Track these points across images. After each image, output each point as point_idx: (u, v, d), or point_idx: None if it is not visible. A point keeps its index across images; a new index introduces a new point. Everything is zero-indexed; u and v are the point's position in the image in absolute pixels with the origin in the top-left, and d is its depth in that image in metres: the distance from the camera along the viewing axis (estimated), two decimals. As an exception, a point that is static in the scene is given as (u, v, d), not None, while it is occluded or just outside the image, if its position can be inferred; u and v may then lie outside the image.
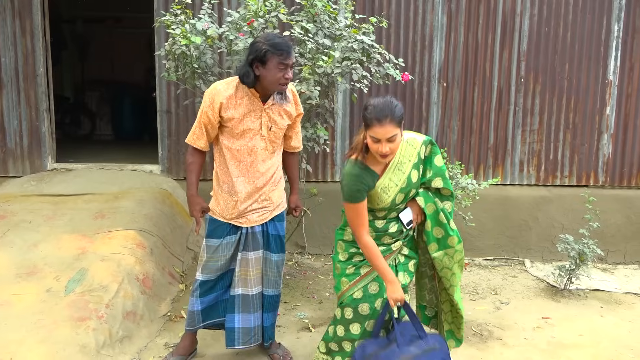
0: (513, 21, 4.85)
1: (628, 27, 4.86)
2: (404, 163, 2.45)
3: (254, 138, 2.77)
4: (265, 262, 2.93)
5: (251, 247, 2.87)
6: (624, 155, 5.01)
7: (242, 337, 2.90)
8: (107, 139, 8.32)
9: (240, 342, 2.90)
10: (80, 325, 3.00)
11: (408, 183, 2.45)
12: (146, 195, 4.42)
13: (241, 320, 2.89)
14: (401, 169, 2.44)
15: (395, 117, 2.26)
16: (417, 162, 2.47)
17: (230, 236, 2.85)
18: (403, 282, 2.53)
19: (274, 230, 2.92)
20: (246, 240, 2.86)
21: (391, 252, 2.54)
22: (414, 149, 2.47)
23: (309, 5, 3.60)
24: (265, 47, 2.61)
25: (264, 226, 2.90)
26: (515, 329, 3.53)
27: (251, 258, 2.87)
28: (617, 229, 4.89)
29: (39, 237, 3.78)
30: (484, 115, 4.95)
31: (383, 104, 2.28)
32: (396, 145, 2.32)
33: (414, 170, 2.46)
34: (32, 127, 4.88)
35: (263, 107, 2.76)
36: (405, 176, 2.45)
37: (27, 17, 4.76)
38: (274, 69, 2.63)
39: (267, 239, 2.91)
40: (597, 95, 4.94)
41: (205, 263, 2.88)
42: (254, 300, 2.91)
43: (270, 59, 2.61)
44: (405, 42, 4.85)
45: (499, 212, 4.89)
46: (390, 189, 2.43)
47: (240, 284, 2.88)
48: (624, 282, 4.46)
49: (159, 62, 4.74)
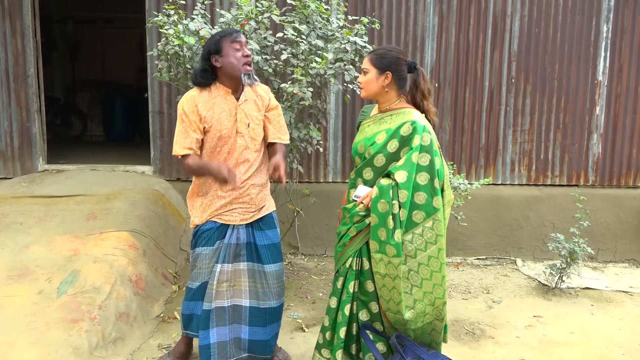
0: (504, 22, 4.89)
1: (617, 28, 4.91)
2: (386, 121, 2.57)
3: (233, 137, 2.72)
4: (260, 275, 2.82)
5: (231, 259, 2.77)
6: (613, 155, 5.07)
7: (218, 353, 2.75)
8: (99, 140, 8.28)
9: (217, 356, 2.77)
10: (72, 327, 2.99)
11: (371, 137, 2.56)
12: (138, 196, 4.41)
13: (216, 335, 2.76)
14: (379, 124, 2.59)
15: (374, 56, 2.57)
16: (394, 130, 2.50)
17: (209, 247, 2.78)
18: (372, 290, 2.56)
19: (263, 240, 2.83)
20: (227, 250, 2.77)
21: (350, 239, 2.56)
22: (401, 119, 2.52)
23: (302, 7, 3.61)
24: (217, 37, 2.69)
25: (249, 237, 2.81)
26: (507, 328, 3.56)
27: (228, 270, 2.77)
28: (607, 227, 4.94)
29: (30, 238, 3.75)
30: (475, 115, 4.99)
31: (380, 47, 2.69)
32: (366, 81, 2.57)
33: (384, 133, 2.52)
34: (23, 128, 4.85)
35: (237, 104, 2.73)
36: (374, 131, 2.57)
37: (18, 18, 4.73)
38: (232, 51, 2.66)
39: (255, 250, 2.82)
40: (587, 95, 4.99)
41: (190, 271, 2.87)
42: (229, 314, 2.79)
43: (224, 44, 2.66)
44: (397, 42, 4.87)
45: (490, 211, 4.92)
46: (363, 131, 2.63)
47: (216, 296, 2.76)
48: (614, 280, 4.51)
49: (151, 63, 4.73)
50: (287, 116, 3.52)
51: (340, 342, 2.61)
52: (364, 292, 2.59)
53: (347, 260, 2.60)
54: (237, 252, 2.80)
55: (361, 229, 2.54)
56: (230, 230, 2.78)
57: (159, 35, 4.50)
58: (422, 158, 2.45)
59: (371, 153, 2.52)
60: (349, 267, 2.59)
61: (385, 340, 2.61)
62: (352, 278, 2.59)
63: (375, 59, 2.55)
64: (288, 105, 3.56)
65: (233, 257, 2.79)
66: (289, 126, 3.63)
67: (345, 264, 2.60)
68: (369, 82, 2.56)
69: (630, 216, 4.97)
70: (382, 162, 2.51)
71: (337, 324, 2.63)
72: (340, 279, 2.63)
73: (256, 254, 2.82)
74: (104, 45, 8.60)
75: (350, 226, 2.57)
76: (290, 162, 3.95)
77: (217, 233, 2.78)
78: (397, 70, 2.54)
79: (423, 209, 2.44)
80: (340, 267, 2.64)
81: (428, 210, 2.44)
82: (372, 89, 2.57)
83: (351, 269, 2.59)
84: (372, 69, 2.55)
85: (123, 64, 8.43)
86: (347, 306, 2.60)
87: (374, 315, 2.62)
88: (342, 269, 2.63)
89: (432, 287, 2.50)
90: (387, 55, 2.55)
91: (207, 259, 2.79)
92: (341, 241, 2.64)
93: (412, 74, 2.59)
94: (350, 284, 2.59)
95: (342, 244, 2.63)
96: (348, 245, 2.59)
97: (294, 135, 3.69)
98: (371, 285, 2.58)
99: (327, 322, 2.67)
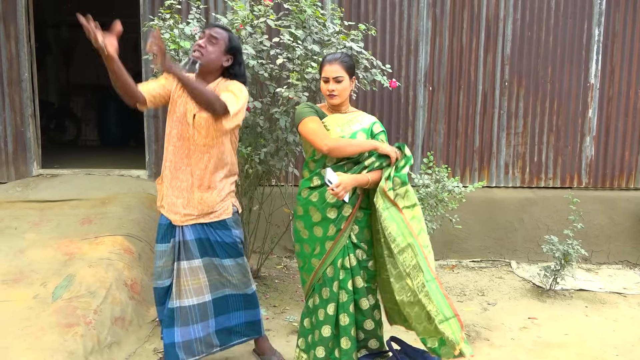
0: (497, 26, 4.93)
1: (608, 32, 4.97)
2: (354, 122, 2.68)
3: (183, 123, 2.68)
4: (219, 268, 2.80)
5: (184, 257, 2.73)
6: (606, 157, 5.11)
7: (184, 351, 2.74)
8: (93, 144, 8.26)
9: (184, 356, 2.75)
10: (68, 332, 2.98)
11: (351, 137, 2.63)
12: (133, 201, 4.40)
13: (180, 334, 2.73)
14: (350, 125, 2.67)
15: (343, 61, 2.62)
16: (367, 129, 2.68)
17: (163, 244, 2.76)
18: (361, 285, 2.65)
19: (216, 237, 2.76)
20: (179, 249, 2.73)
21: (340, 231, 2.59)
22: (369, 119, 2.73)
23: (298, 11, 3.63)
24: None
25: (200, 233, 2.73)
26: (502, 330, 3.58)
27: (184, 267, 2.74)
28: (601, 229, 4.98)
29: (25, 243, 3.74)
30: (469, 118, 5.02)
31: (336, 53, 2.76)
32: (342, 89, 2.61)
33: (362, 133, 2.66)
34: (17, 132, 4.84)
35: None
36: (351, 131, 2.65)
37: (12, 22, 4.73)
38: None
39: (209, 246, 2.77)
40: (580, 98, 5.03)
41: (154, 268, 2.86)
42: (192, 311, 2.75)
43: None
44: (391, 46, 4.90)
45: (485, 214, 4.95)
46: (333, 128, 2.64)
47: (178, 295, 2.73)
48: (608, 281, 4.54)
49: (146, 67, 4.73)
50: (283, 120, 3.53)
51: (354, 343, 2.62)
52: (355, 289, 2.66)
53: (335, 261, 2.62)
54: (188, 249, 2.74)
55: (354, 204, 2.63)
56: (177, 228, 2.75)
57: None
58: None
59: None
60: (341, 267, 2.62)
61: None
62: (348, 277, 2.63)
63: (347, 67, 2.63)
64: (284, 109, 3.58)
65: (185, 254, 2.74)
66: (285, 130, 3.65)
67: (336, 265, 2.62)
68: (345, 89, 2.64)
69: (623, 218, 5.00)
70: (366, 155, 2.64)
71: (342, 328, 2.63)
72: (335, 282, 2.63)
73: (211, 249, 2.78)
74: (97, 49, 8.57)
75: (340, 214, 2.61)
76: (285, 166, 3.96)
77: (170, 229, 2.76)
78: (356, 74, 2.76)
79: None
80: (326, 271, 2.63)
81: None
82: (345, 96, 2.67)
83: (344, 268, 2.63)
84: (346, 76, 2.62)
85: (118, 68, 8.41)
86: (351, 305, 2.64)
87: (365, 312, 2.67)
88: (331, 273, 2.63)
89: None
90: (351, 62, 2.68)
91: (165, 256, 2.77)
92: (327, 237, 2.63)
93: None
94: (348, 284, 2.63)
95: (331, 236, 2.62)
96: (344, 229, 2.61)
97: (289, 139, 3.70)
98: (360, 281, 2.65)
99: (329, 332, 2.64)
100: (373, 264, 2.71)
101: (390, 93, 4.88)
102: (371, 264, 2.70)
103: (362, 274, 2.67)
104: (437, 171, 4.02)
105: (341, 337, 2.63)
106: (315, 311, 2.69)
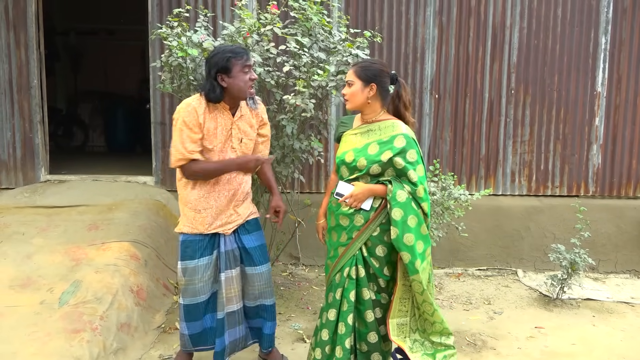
0: (503, 34, 4.94)
1: (615, 40, 4.96)
2: (374, 132, 2.63)
3: (225, 151, 2.76)
4: (253, 277, 2.88)
5: (231, 265, 2.83)
6: (613, 166, 5.09)
7: (229, 350, 2.89)
8: (100, 151, 8.31)
9: (227, 355, 2.89)
10: (74, 337, 2.99)
11: (362, 149, 2.60)
12: (140, 207, 4.42)
13: (228, 336, 2.87)
14: (367, 136, 2.63)
15: (358, 68, 2.62)
16: (386, 141, 2.58)
17: (204, 257, 2.80)
18: (367, 297, 2.63)
19: (250, 242, 2.88)
20: (226, 258, 2.82)
21: (351, 240, 2.61)
22: (392, 131, 2.61)
23: (304, 19, 3.65)
24: (227, 55, 2.64)
25: (238, 241, 2.86)
26: (508, 339, 3.56)
27: (234, 276, 2.84)
28: (608, 238, 4.95)
29: (32, 248, 3.76)
30: (475, 126, 5.01)
31: (363, 60, 2.83)
32: (351, 93, 2.61)
33: (376, 144, 2.59)
34: (26, 138, 4.88)
35: (233, 120, 2.76)
36: (365, 142, 2.61)
37: (22, 30, 4.78)
38: (240, 74, 2.67)
39: (245, 253, 2.87)
40: (586, 106, 5.02)
41: (184, 287, 2.84)
42: (238, 315, 2.90)
43: (234, 65, 2.65)
44: (398, 54, 4.91)
45: (491, 222, 4.93)
46: (349, 141, 2.66)
47: (226, 303, 2.83)
48: (616, 291, 4.51)
49: (153, 74, 4.76)
50: (290, 127, 3.55)
51: (346, 353, 2.61)
52: (361, 300, 2.63)
53: (343, 269, 2.62)
54: (235, 257, 2.85)
55: (369, 218, 2.60)
56: (222, 238, 2.83)
57: (162, 46, 4.54)
58: (420, 171, 2.59)
59: (365, 164, 2.58)
60: (347, 277, 2.61)
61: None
62: (351, 287, 2.61)
63: (359, 71, 2.60)
64: (290, 116, 3.59)
65: (233, 262, 2.85)
66: (291, 137, 3.66)
67: (343, 273, 2.62)
68: (355, 94, 2.61)
69: (631, 227, 4.97)
70: (377, 170, 2.59)
71: (339, 336, 2.63)
72: (339, 290, 2.63)
73: (246, 257, 2.88)
74: (106, 56, 8.66)
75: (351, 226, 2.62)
76: (291, 173, 3.98)
77: (211, 242, 2.82)
78: (381, 82, 2.62)
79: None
80: (335, 277, 2.65)
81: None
82: (358, 101, 2.62)
83: (349, 277, 2.61)
84: (357, 81, 2.60)
85: (125, 76, 8.48)
86: (350, 316, 2.62)
87: (369, 324, 2.64)
88: (338, 279, 2.64)
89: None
90: (371, 68, 2.62)
91: (207, 270, 2.81)
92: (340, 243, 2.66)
93: (394, 85, 2.68)
94: (350, 294, 2.61)
95: (343, 242, 2.64)
96: (355, 238, 2.61)
97: (296, 146, 3.71)
98: (367, 293, 2.62)
99: (326, 336, 2.66)
100: (384, 281, 2.65)
101: (397, 101, 4.88)
102: (382, 281, 2.65)
103: (371, 286, 2.63)
104: (443, 179, 4.01)
105: (336, 345, 2.64)
106: (321, 313, 2.73)
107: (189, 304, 2.85)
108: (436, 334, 2.62)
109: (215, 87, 2.65)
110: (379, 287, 2.65)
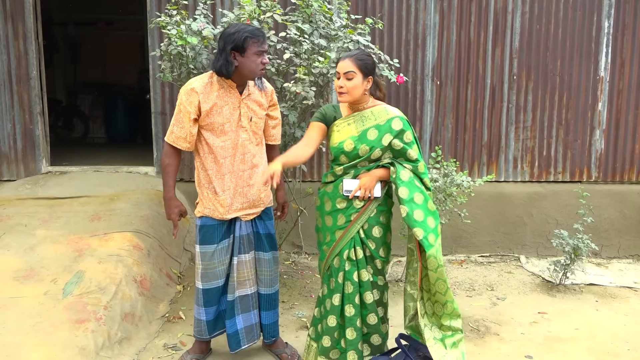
0: (505, 19, 4.89)
1: (618, 24, 4.91)
2: (369, 118, 2.65)
3: (236, 131, 2.75)
4: (259, 262, 2.93)
5: (246, 249, 2.87)
6: (616, 151, 5.06)
7: (246, 337, 2.92)
8: (101, 142, 8.30)
9: (245, 342, 2.92)
10: (78, 328, 3.00)
11: (361, 136, 2.61)
12: (142, 197, 4.42)
13: (242, 320, 2.91)
14: (362, 123, 2.64)
15: (356, 58, 2.57)
16: (383, 125, 2.62)
17: (224, 240, 2.83)
18: (366, 279, 2.66)
19: (264, 229, 2.92)
20: (240, 242, 2.86)
21: (350, 222, 2.64)
22: (386, 115, 2.66)
23: (305, 6, 3.61)
24: (244, 35, 2.62)
25: (254, 226, 2.90)
26: (512, 324, 3.56)
27: (247, 260, 2.88)
28: (611, 223, 4.94)
29: (35, 240, 3.76)
30: (477, 112, 4.98)
31: (355, 50, 2.77)
32: (352, 86, 2.57)
33: (374, 129, 2.62)
34: (26, 130, 4.86)
35: (241, 98, 2.75)
36: (361, 129, 2.62)
37: (20, 20, 4.74)
38: (253, 56, 2.65)
39: (258, 239, 2.91)
40: (589, 91, 4.99)
41: (203, 271, 2.84)
42: (252, 299, 2.93)
43: (250, 46, 2.63)
44: (399, 40, 4.87)
45: (493, 208, 4.92)
46: (343, 130, 2.64)
47: (238, 286, 2.88)
48: (618, 276, 4.51)
49: (153, 64, 4.73)
50: (292, 116, 3.53)
51: (359, 332, 2.66)
52: (360, 282, 2.68)
53: (342, 252, 2.65)
54: (250, 241, 2.88)
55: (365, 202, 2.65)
56: (238, 222, 2.85)
57: (161, 36, 4.51)
58: (416, 149, 2.68)
59: (368, 150, 2.62)
60: (347, 259, 2.65)
61: None
62: (353, 269, 2.65)
63: (362, 65, 2.59)
64: (291, 104, 3.57)
65: (247, 247, 2.87)
66: (292, 125, 3.64)
67: (342, 256, 2.65)
68: (356, 87, 2.59)
69: (634, 212, 4.96)
70: (378, 154, 2.63)
71: (347, 319, 2.66)
72: (340, 273, 2.66)
73: (258, 243, 2.92)
74: (105, 47, 8.61)
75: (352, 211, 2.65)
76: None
77: (229, 226, 2.85)
78: (375, 74, 2.68)
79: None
80: (333, 261, 2.68)
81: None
82: (358, 94, 2.61)
83: (349, 259, 2.65)
84: (358, 74, 2.58)
85: (124, 66, 8.44)
86: (357, 297, 2.66)
87: (369, 305, 2.68)
88: (338, 264, 2.67)
89: None
90: (369, 61, 2.64)
91: (227, 253, 2.84)
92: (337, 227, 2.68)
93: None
94: (353, 275, 2.65)
95: (341, 226, 2.66)
96: (354, 220, 2.64)
97: (297, 135, 3.69)
98: (366, 274, 2.66)
99: (334, 322, 2.68)
100: (381, 263, 2.70)
101: (398, 87, 4.85)
102: (378, 262, 2.70)
103: (368, 268, 2.68)
104: (445, 165, 4.00)
105: (347, 327, 2.67)
106: (324, 301, 2.74)
107: (209, 288, 2.87)
108: (447, 317, 2.61)
109: (229, 63, 2.63)
110: (375, 268, 2.70)
